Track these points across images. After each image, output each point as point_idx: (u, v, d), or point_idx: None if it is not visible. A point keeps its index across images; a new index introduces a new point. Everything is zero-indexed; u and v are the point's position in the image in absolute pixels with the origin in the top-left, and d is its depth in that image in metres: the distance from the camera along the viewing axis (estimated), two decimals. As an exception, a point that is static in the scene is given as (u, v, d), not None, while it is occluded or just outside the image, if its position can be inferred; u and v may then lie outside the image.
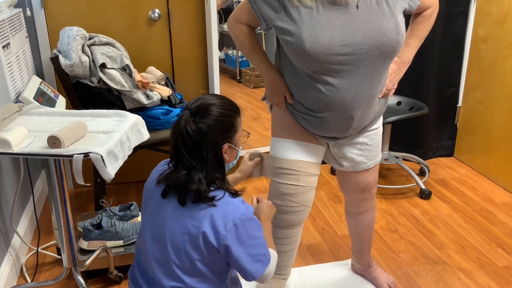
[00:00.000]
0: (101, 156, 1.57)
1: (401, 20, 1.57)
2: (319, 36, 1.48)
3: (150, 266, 1.40)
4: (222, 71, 6.37)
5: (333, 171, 3.31)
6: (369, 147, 1.82)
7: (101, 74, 2.50)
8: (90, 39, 2.58)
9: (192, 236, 1.31)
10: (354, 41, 1.50)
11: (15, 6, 2.55)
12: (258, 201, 1.59)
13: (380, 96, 1.71)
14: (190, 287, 1.35)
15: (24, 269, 2.29)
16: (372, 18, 1.51)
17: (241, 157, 1.70)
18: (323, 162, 1.93)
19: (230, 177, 1.68)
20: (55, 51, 2.53)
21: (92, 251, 2.12)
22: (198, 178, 1.31)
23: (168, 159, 1.44)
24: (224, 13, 5.75)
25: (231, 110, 1.38)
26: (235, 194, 1.37)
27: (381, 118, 1.85)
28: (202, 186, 1.30)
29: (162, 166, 1.46)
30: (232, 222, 1.29)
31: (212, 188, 1.34)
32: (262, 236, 1.36)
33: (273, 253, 1.45)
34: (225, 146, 1.36)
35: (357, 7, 1.50)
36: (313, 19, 1.49)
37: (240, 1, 1.72)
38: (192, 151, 1.32)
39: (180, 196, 1.33)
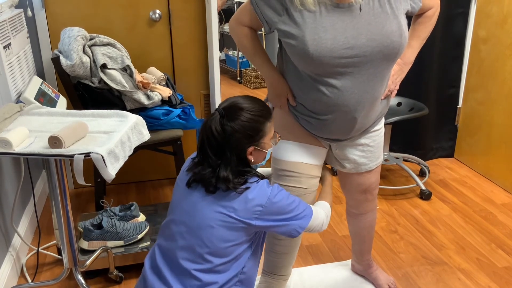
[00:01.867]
0: (102, 156, 1.57)
1: (404, 22, 1.56)
2: (322, 39, 1.48)
3: (175, 252, 1.43)
4: (223, 71, 6.38)
5: (333, 172, 3.31)
6: (371, 149, 1.82)
7: (101, 75, 2.51)
8: (91, 39, 2.58)
9: (224, 217, 1.38)
10: (358, 43, 1.50)
11: (16, 7, 2.55)
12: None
13: (382, 98, 1.71)
14: (216, 267, 1.40)
15: (24, 269, 2.29)
16: (375, 21, 1.51)
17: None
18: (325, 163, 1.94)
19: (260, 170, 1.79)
20: (56, 51, 2.53)
21: (93, 251, 2.12)
22: (223, 175, 1.37)
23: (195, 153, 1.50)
24: (225, 14, 5.76)
25: (259, 116, 1.41)
26: (262, 177, 1.44)
27: (383, 119, 1.85)
28: (230, 183, 1.37)
29: (191, 161, 1.51)
30: (264, 201, 1.38)
31: (245, 175, 1.41)
32: (292, 201, 1.45)
33: (324, 204, 1.62)
34: (250, 148, 1.41)
35: (360, 9, 1.50)
36: (316, 22, 1.49)
37: (242, 2, 1.72)
38: (216, 151, 1.38)
39: (207, 187, 1.40)
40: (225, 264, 1.40)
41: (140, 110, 2.62)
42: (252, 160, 1.44)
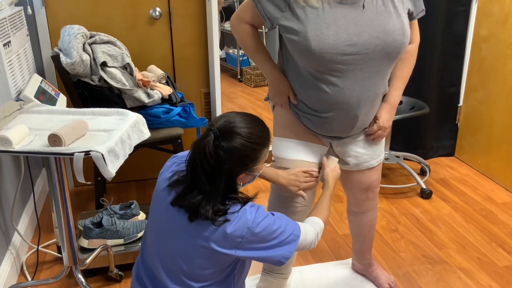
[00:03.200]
0: (102, 155, 1.57)
1: (406, 21, 1.56)
2: (324, 35, 1.48)
3: (156, 268, 1.39)
4: (223, 70, 6.38)
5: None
6: (373, 145, 1.82)
7: (102, 73, 2.50)
8: (91, 37, 2.58)
9: (204, 250, 1.30)
10: (360, 41, 1.49)
11: (16, 4, 2.55)
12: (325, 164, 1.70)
13: (372, 139, 1.78)
14: None
15: (24, 267, 2.29)
16: (378, 18, 1.50)
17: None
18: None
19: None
20: (56, 49, 2.53)
21: (93, 250, 2.12)
22: (206, 209, 1.27)
23: (177, 155, 1.44)
24: (225, 12, 5.75)
25: (257, 143, 1.30)
26: (247, 201, 1.34)
27: None
28: (209, 214, 1.27)
29: (176, 166, 1.43)
30: (248, 229, 1.28)
31: (227, 203, 1.31)
32: (282, 225, 1.34)
33: (315, 221, 1.50)
34: (241, 175, 1.32)
35: (363, 7, 1.50)
36: (319, 18, 1.48)
37: (242, 0, 1.72)
38: (208, 176, 1.28)
39: (191, 215, 1.31)
40: (208, 286, 1.36)
41: (140, 108, 2.61)
42: (241, 184, 1.36)
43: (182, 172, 1.36)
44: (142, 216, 2.36)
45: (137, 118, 1.89)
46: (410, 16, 1.64)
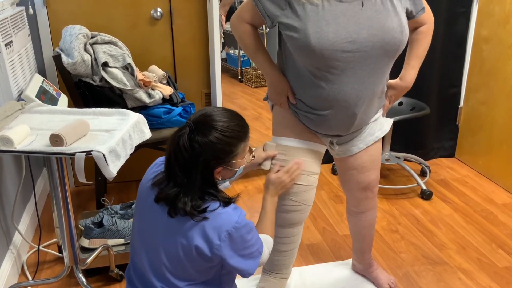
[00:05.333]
0: (103, 155, 1.57)
1: (405, 20, 1.58)
2: (324, 32, 1.49)
3: (144, 268, 1.40)
4: (224, 70, 6.37)
5: (334, 171, 3.31)
6: (373, 126, 1.82)
7: (103, 73, 2.50)
8: (92, 37, 2.58)
9: (184, 247, 1.30)
10: (359, 38, 1.51)
11: (18, 4, 2.55)
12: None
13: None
14: (185, 286, 1.35)
15: (25, 267, 2.29)
16: (377, 16, 1.52)
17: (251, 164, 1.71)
18: (328, 161, 1.95)
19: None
20: (57, 49, 2.53)
21: (93, 249, 2.12)
22: (184, 201, 1.28)
23: (159, 158, 1.44)
24: (226, 13, 5.75)
25: (232, 137, 1.30)
26: (228, 202, 1.33)
27: (381, 109, 1.84)
28: (187, 208, 1.27)
29: (158, 166, 1.44)
30: (226, 232, 1.28)
31: (206, 198, 1.31)
32: (254, 236, 1.36)
33: (265, 239, 1.48)
34: (219, 168, 1.32)
35: (362, 4, 1.51)
36: (318, 16, 1.50)
37: (242, 0, 1.72)
38: (183, 169, 1.28)
39: (170, 209, 1.31)
40: (195, 285, 1.35)
41: (141, 108, 2.62)
42: (220, 178, 1.36)
43: (161, 168, 1.39)
44: (142, 216, 2.36)
45: (138, 118, 1.89)
46: (410, 15, 1.65)
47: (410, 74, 1.78)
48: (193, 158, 1.27)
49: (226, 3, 4.63)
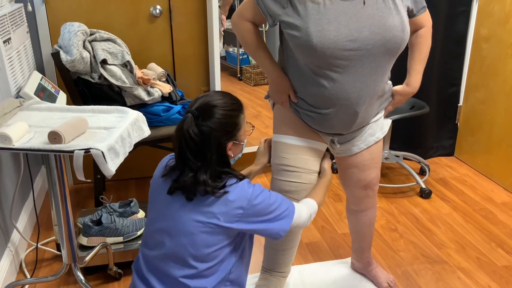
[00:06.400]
0: (102, 152, 1.57)
1: (406, 18, 1.58)
2: (326, 30, 1.48)
3: (159, 258, 1.41)
4: (223, 68, 6.34)
5: (333, 169, 3.31)
6: (373, 126, 1.82)
7: (102, 70, 2.50)
8: (91, 35, 2.57)
9: (207, 225, 1.35)
10: (361, 36, 1.50)
11: (16, 1, 2.54)
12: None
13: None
14: (202, 272, 1.38)
15: (23, 264, 2.29)
16: (379, 15, 1.51)
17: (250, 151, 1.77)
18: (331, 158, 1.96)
19: (245, 171, 1.75)
20: (56, 46, 2.52)
21: (92, 247, 2.12)
22: (203, 180, 1.34)
23: (173, 154, 1.46)
24: (227, 12, 5.73)
25: (233, 110, 1.39)
26: (242, 177, 1.41)
27: (383, 111, 1.85)
28: (208, 187, 1.34)
29: (167, 161, 1.48)
30: (247, 200, 1.36)
31: (223, 177, 1.38)
32: (275, 200, 1.41)
33: (309, 203, 1.57)
34: (229, 144, 1.40)
35: (364, 3, 1.51)
36: (320, 14, 1.49)
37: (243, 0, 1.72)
38: (196, 153, 1.35)
39: (188, 193, 1.36)
40: (210, 268, 1.38)
41: (140, 106, 2.61)
42: (232, 155, 1.43)
43: (174, 161, 1.43)
44: (141, 214, 2.36)
45: (137, 116, 1.89)
46: (411, 13, 1.65)
47: (416, 79, 1.79)
48: (204, 141, 1.34)
49: (226, 3, 4.62)
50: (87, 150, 1.57)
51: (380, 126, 1.84)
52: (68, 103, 2.51)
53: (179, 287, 1.38)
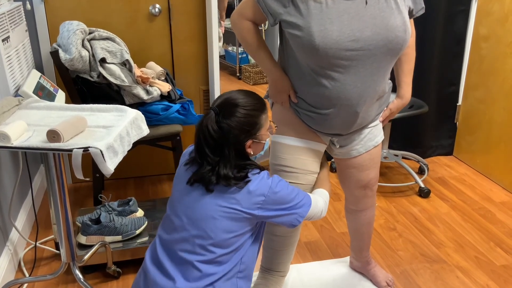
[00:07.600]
0: (101, 151, 1.57)
1: (407, 18, 1.57)
2: (328, 30, 1.48)
3: (176, 242, 1.44)
4: (222, 67, 6.37)
5: (332, 169, 3.31)
6: (372, 130, 1.83)
7: (101, 69, 2.49)
8: (90, 33, 2.57)
9: (227, 209, 1.39)
10: (363, 36, 1.50)
11: (15, 0, 2.54)
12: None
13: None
14: (217, 257, 1.41)
15: (22, 263, 2.28)
16: (381, 15, 1.51)
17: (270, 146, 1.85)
18: (327, 159, 1.96)
19: None
20: (55, 45, 2.52)
21: (91, 246, 2.12)
22: (223, 173, 1.38)
23: (191, 146, 1.51)
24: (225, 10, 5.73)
25: (255, 110, 1.42)
26: (262, 169, 1.46)
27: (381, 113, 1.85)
28: (231, 181, 1.38)
29: (188, 155, 1.52)
30: (266, 191, 1.40)
31: (247, 168, 1.42)
32: (293, 190, 1.47)
33: (321, 192, 1.65)
34: (249, 142, 1.43)
35: (366, 3, 1.50)
36: (322, 14, 1.48)
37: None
38: (214, 149, 1.39)
39: (207, 187, 1.41)
40: (226, 255, 1.42)
41: (139, 105, 2.61)
42: (252, 153, 1.46)
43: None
44: (140, 213, 2.36)
45: (136, 114, 1.88)
46: (410, 14, 1.65)
47: (407, 91, 1.82)
48: (223, 138, 1.38)
49: (221, 9, 4.63)
50: (85, 149, 1.57)
51: (379, 130, 1.85)
52: (67, 102, 2.51)
53: (191, 270, 1.40)
